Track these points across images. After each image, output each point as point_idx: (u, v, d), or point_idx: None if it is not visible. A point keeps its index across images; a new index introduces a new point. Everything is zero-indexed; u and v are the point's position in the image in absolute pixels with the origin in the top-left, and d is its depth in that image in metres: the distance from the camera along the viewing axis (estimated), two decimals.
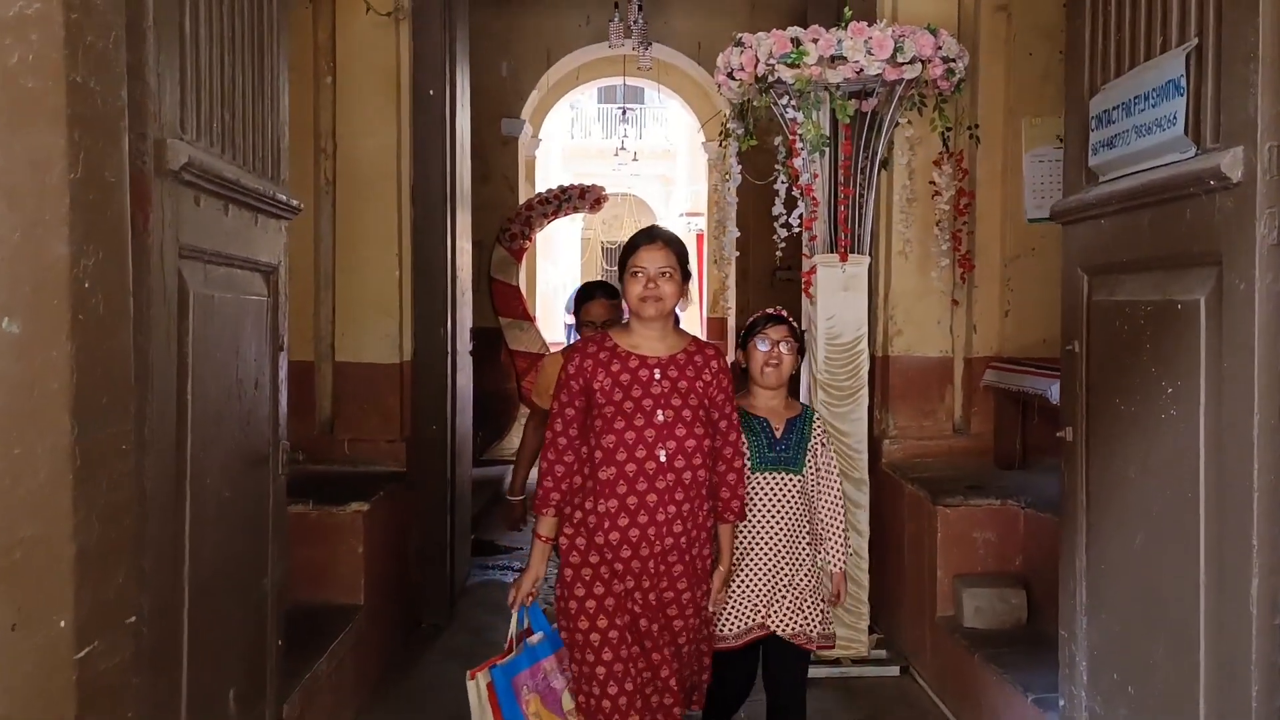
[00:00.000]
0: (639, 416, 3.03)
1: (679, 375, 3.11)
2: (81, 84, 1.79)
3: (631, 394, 3.05)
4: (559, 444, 3.10)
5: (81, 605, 1.80)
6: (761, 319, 3.57)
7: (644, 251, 3.12)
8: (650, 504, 3.02)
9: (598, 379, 3.07)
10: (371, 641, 4.39)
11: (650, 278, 3.09)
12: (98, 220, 1.82)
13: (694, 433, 3.07)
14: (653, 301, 3.08)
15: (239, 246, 2.62)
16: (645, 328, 3.14)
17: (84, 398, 1.77)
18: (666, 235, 3.20)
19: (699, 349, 3.21)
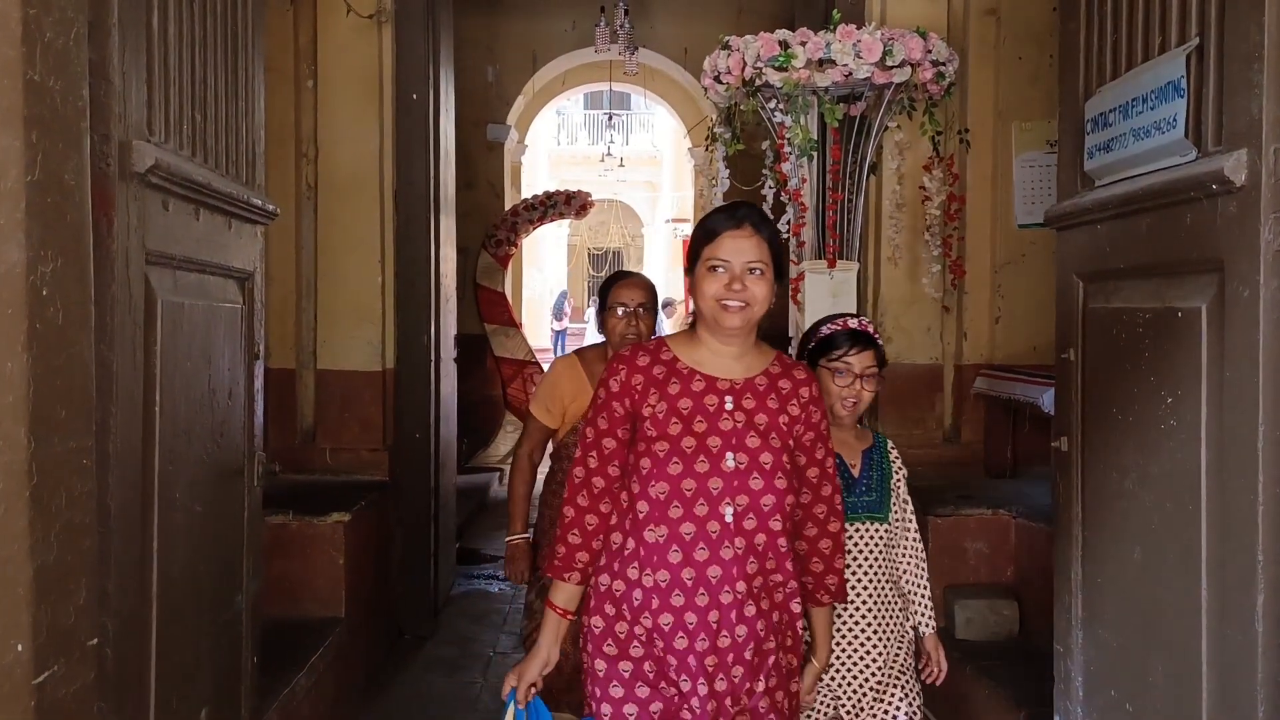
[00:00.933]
0: (701, 460, 2.26)
1: (757, 406, 2.33)
2: (39, 83, 1.71)
3: (693, 428, 2.29)
4: (592, 487, 2.35)
5: (39, 628, 1.72)
6: (843, 337, 2.83)
7: (728, 239, 2.31)
8: (712, 580, 2.25)
9: (649, 402, 2.31)
10: (352, 654, 4.30)
11: (735, 275, 2.29)
12: (56, 225, 1.74)
13: (774, 485, 2.29)
14: (738, 310, 2.29)
15: (211, 252, 2.53)
16: (721, 341, 2.35)
17: (41, 411, 1.69)
18: (758, 217, 2.36)
19: (785, 370, 2.41)
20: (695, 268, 2.37)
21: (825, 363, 2.81)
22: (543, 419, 3.52)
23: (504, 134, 10.51)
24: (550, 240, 26.47)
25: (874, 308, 5.16)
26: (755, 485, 2.28)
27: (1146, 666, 2.51)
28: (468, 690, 4.61)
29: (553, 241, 27.26)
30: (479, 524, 7.81)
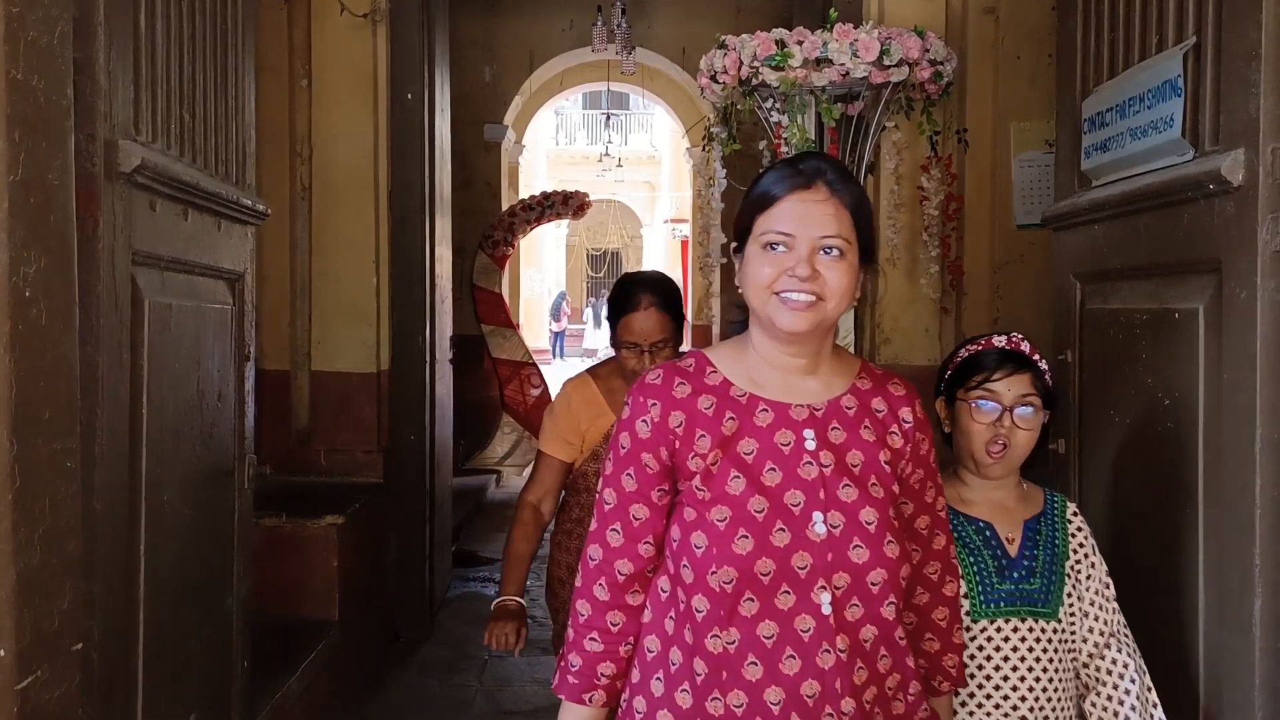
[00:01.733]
0: (780, 528, 1.59)
1: (849, 440, 1.68)
2: (23, 81, 1.69)
3: (763, 481, 1.62)
4: (615, 574, 1.70)
5: (23, 632, 1.70)
6: (990, 358, 2.12)
7: (793, 204, 1.64)
8: (808, 700, 1.58)
9: (695, 449, 1.65)
10: (346, 658, 4.28)
11: (802, 256, 1.61)
12: (40, 225, 1.73)
13: (883, 554, 1.62)
14: (805, 306, 1.61)
15: (200, 253, 2.51)
16: (785, 351, 1.69)
17: (24, 412, 1.68)
18: (835, 172, 1.67)
19: (877, 385, 1.77)
20: (744, 245, 1.70)
21: (964, 394, 2.09)
22: (559, 454, 2.92)
23: (501, 134, 10.49)
24: (549, 240, 26.48)
25: (872, 309, 5.14)
26: (858, 557, 1.60)
27: None
28: (463, 693, 4.59)
29: (551, 242, 27.26)
30: (476, 526, 7.78)
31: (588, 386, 2.95)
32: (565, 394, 2.98)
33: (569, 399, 2.95)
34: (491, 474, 9.33)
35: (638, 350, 2.79)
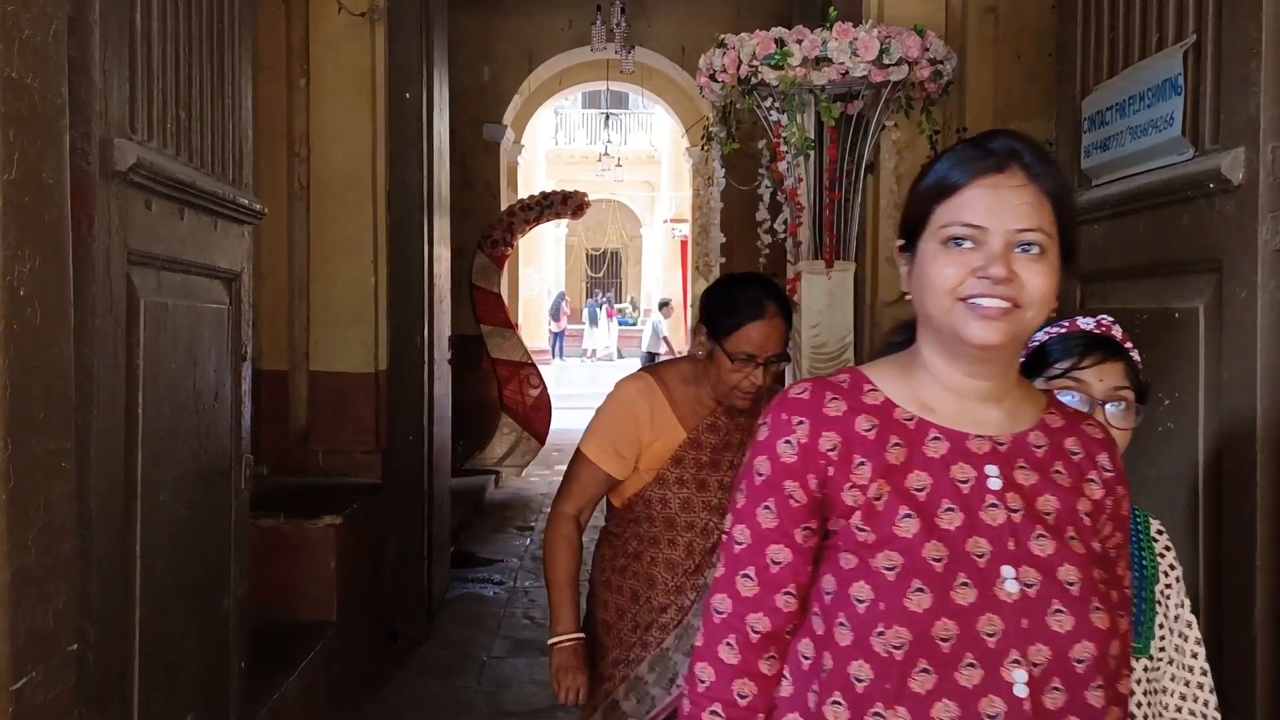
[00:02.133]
0: (964, 583, 1.29)
1: (1040, 484, 1.37)
2: (17, 80, 1.68)
3: (938, 523, 1.32)
4: (747, 632, 1.38)
5: (17, 633, 1.69)
6: (1074, 342, 1.78)
7: (982, 191, 1.34)
8: None
9: (854, 479, 1.35)
10: (344, 658, 4.27)
11: (995, 254, 1.31)
12: (34, 224, 1.72)
13: (1089, 621, 1.30)
14: (998, 315, 1.31)
15: (196, 252, 2.50)
16: (967, 370, 1.39)
17: (18, 412, 1.67)
18: (1032, 154, 1.37)
19: (1071, 424, 1.45)
20: (917, 241, 1.39)
21: (1044, 383, 1.72)
22: (607, 465, 2.49)
23: (500, 134, 10.48)
24: (548, 240, 26.47)
25: (871, 309, 5.13)
26: (1060, 625, 1.28)
27: None
28: (462, 694, 4.58)
29: (550, 242, 27.25)
30: (475, 526, 7.78)
31: (651, 390, 2.52)
32: (626, 395, 2.52)
33: (631, 402, 2.50)
34: (490, 474, 9.33)
35: (752, 364, 2.37)
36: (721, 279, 2.56)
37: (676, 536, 2.50)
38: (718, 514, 2.44)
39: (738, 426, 2.51)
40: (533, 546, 7.27)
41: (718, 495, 2.47)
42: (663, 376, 2.56)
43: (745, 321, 2.37)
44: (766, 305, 2.38)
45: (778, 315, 2.40)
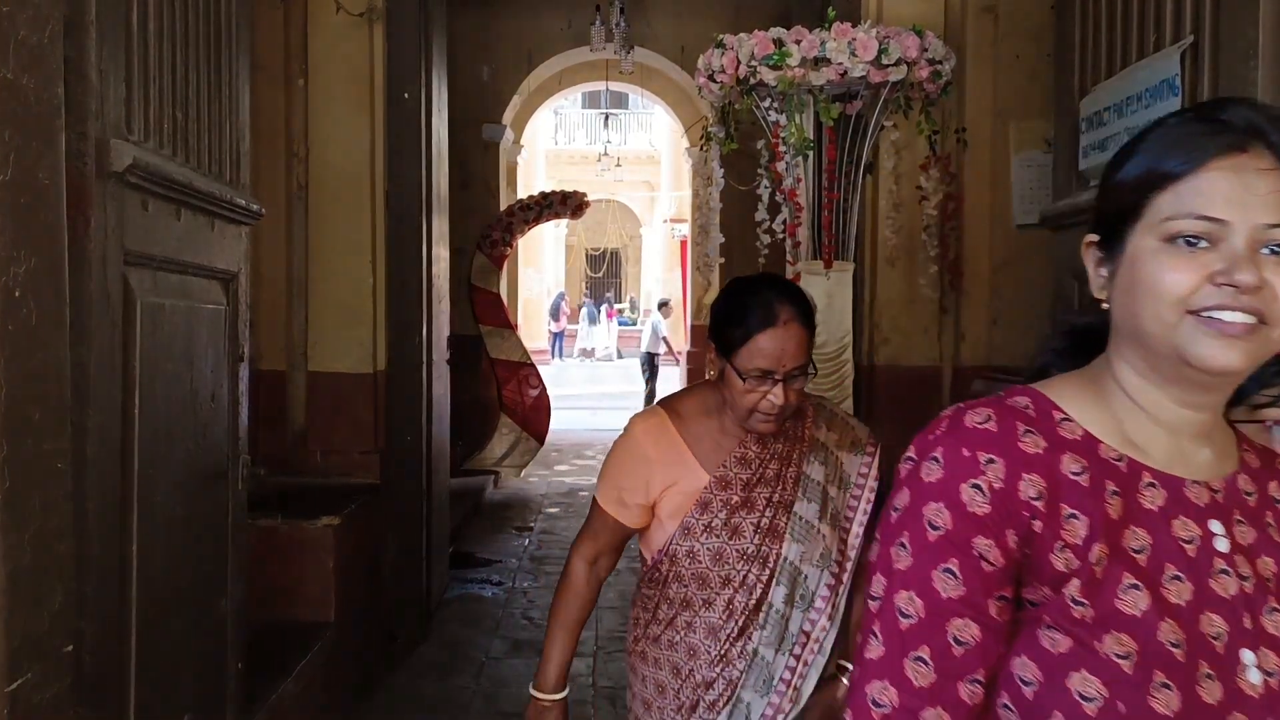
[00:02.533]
0: (1206, 673, 1.01)
1: (1259, 541, 1.12)
2: (12, 80, 1.68)
3: (1165, 594, 1.04)
4: None
5: (13, 635, 1.69)
6: None
7: (1222, 172, 1.05)
8: None
9: (1063, 532, 1.05)
10: (342, 659, 4.27)
11: (1240, 254, 1.03)
12: (30, 225, 1.71)
13: None
14: (1244, 333, 1.03)
15: (193, 253, 2.50)
16: (1187, 397, 1.11)
17: (14, 413, 1.67)
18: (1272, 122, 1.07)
19: (1265, 462, 1.20)
20: (1125, 237, 1.11)
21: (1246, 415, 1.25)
22: (616, 514, 2.24)
23: (499, 134, 10.49)
24: (547, 240, 26.48)
25: (870, 309, 5.13)
26: None
27: None
28: (460, 694, 4.58)
29: (550, 242, 27.26)
30: (473, 527, 7.78)
31: (664, 430, 2.20)
32: (631, 438, 2.23)
33: (636, 445, 2.21)
34: (489, 475, 9.32)
35: (768, 381, 2.04)
36: (729, 284, 2.18)
37: (713, 595, 2.12)
38: (757, 563, 2.10)
39: (774, 455, 2.16)
40: (531, 547, 7.27)
41: (755, 540, 2.11)
42: (679, 410, 2.22)
43: (755, 331, 2.03)
44: (779, 310, 2.04)
45: (794, 320, 2.05)
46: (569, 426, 13.36)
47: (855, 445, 2.21)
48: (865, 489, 2.18)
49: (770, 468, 2.15)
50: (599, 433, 13.60)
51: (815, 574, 2.11)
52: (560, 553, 7.06)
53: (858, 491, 2.18)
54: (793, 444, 2.17)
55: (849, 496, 2.17)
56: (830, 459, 2.18)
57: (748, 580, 2.10)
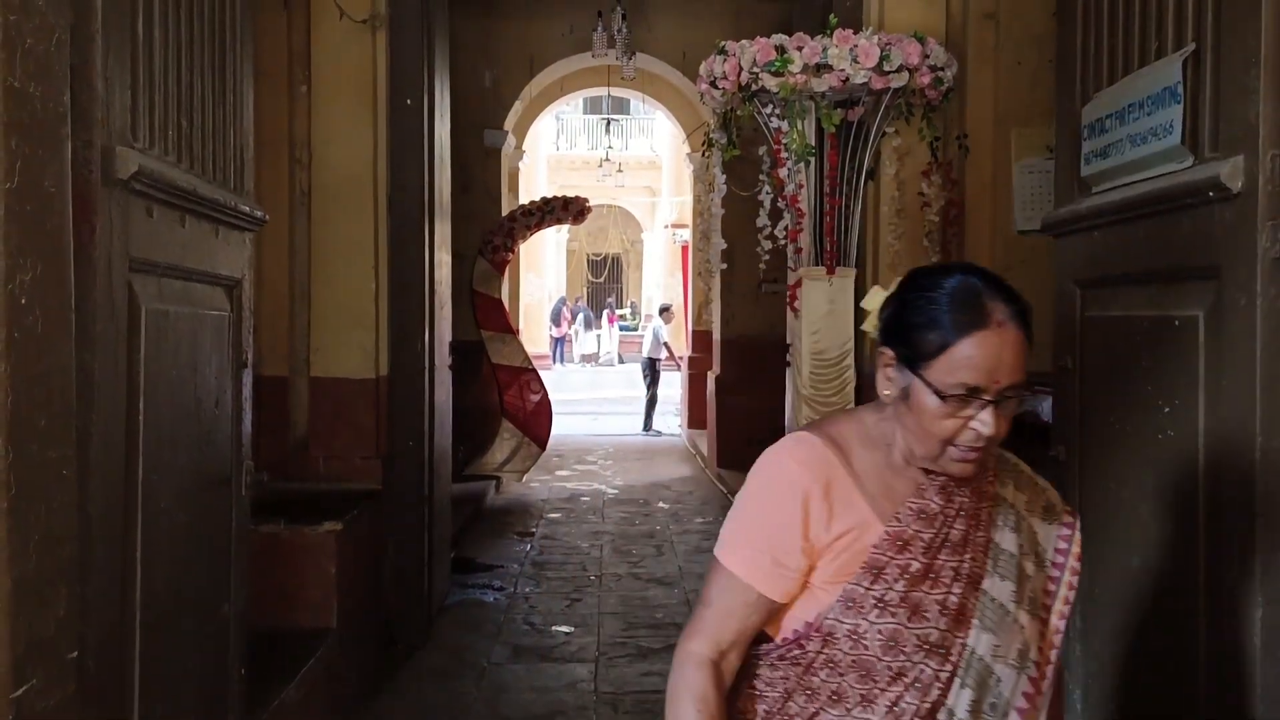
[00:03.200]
0: None
1: None
2: (19, 89, 1.68)
3: None
4: None
5: (17, 640, 1.69)
6: None
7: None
8: None
9: None
10: (344, 665, 4.27)
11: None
12: (36, 232, 1.72)
13: None
14: None
15: (197, 259, 2.51)
16: None
17: (20, 420, 1.67)
18: None
19: None
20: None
21: None
22: (763, 584, 1.63)
23: (501, 139, 10.50)
24: (549, 246, 26.49)
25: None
26: None
27: (1145, 679, 2.48)
28: (461, 700, 4.58)
29: (551, 247, 27.27)
30: (474, 532, 7.78)
31: (828, 462, 1.64)
32: (785, 472, 1.65)
33: (794, 482, 1.63)
34: (490, 480, 9.32)
35: (973, 402, 1.52)
36: (913, 275, 1.67)
37: (875, 692, 1.59)
38: (937, 654, 1.59)
39: (960, 511, 1.64)
40: (533, 552, 7.27)
41: (940, 625, 1.59)
42: (835, 436, 1.68)
43: (959, 335, 1.52)
44: (990, 307, 1.54)
45: (1010, 321, 1.54)
46: (570, 432, 13.37)
47: (1049, 512, 1.73)
48: (1066, 569, 1.70)
49: (956, 527, 1.63)
50: (600, 438, 13.62)
51: (1011, 676, 1.60)
52: (562, 558, 7.07)
53: (1056, 572, 1.70)
54: (979, 499, 1.67)
55: (1046, 577, 1.69)
56: (1023, 526, 1.69)
57: (923, 676, 1.58)
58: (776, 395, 6.37)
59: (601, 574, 6.70)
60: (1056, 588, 1.70)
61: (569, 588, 6.37)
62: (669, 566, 6.89)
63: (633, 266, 32.74)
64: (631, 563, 6.99)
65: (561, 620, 5.70)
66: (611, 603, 6.03)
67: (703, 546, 7.44)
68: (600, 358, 26.84)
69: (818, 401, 4.58)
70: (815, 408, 4.58)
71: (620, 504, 9.09)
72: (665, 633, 5.46)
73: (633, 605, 5.98)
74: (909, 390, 1.58)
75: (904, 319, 1.60)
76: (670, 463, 11.55)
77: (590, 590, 6.31)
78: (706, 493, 9.62)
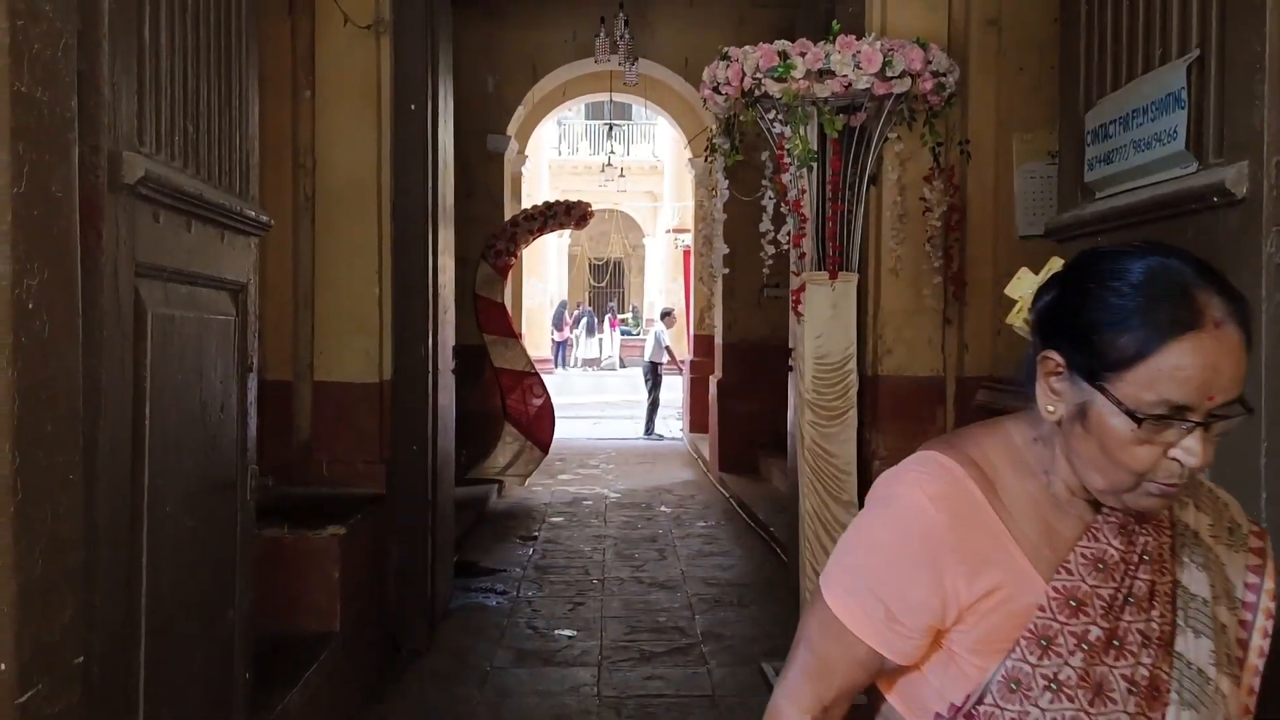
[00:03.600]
0: None
1: None
2: (27, 94, 1.69)
3: None
4: None
5: (23, 646, 1.69)
6: None
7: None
8: None
9: None
10: (347, 669, 4.27)
11: None
12: (43, 237, 1.72)
13: None
14: None
15: (203, 264, 2.51)
16: None
17: (27, 425, 1.67)
18: None
19: None
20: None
21: None
22: (872, 637, 1.31)
23: (504, 144, 10.52)
24: (551, 250, 26.50)
25: (875, 319, 5.14)
26: None
27: None
28: (464, 705, 4.58)
29: (554, 251, 27.28)
30: (477, 536, 7.78)
31: (969, 495, 1.29)
32: (914, 509, 1.29)
33: (925, 521, 1.28)
34: (493, 484, 9.32)
35: (1175, 424, 1.17)
36: (1095, 254, 1.28)
37: None
38: None
39: (1142, 554, 1.29)
40: (535, 556, 7.27)
41: (1129, 708, 1.24)
42: (978, 459, 1.31)
43: (1163, 339, 1.16)
44: (1203, 301, 1.17)
45: (1229, 320, 1.18)
46: (572, 436, 13.37)
47: (1234, 535, 1.35)
48: (1259, 609, 1.32)
49: (1140, 577, 1.28)
50: (602, 442, 13.62)
51: None
52: (565, 562, 7.07)
53: (1248, 615, 1.32)
54: (1159, 533, 1.31)
55: (1238, 622, 1.32)
56: (1211, 560, 1.32)
57: None
58: (778, 399, 6.37)
59: (604, 578, 6.70)
60: (1249, 635, 1.31)
61: (571, 592, 6.37)
62: (671, 570, 6.89)
63: (634, 271, 32.75)
64: (634, 567, 6.99)
65: (564, 624, 5.70)
66: (614, 607, 6.03)
67: (705, 550, 7.45)
68: (602, 362, 26.85)
69: (821, 406, 4.59)
70: (818, 412, 4.58)
71: (622, 508, 9.09)
72: (668, 636, 5.46)
73: (635, 609, 5.98)
74: (1085, 408, 1.21)
75: (1080, 314, 1.23)
76: (672, 467, 11.55)
77: (593, 594, 6.31)
78: (708, 497, 9.62)
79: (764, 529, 7.71)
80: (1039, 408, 1.28)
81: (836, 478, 4.54)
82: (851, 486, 4.61)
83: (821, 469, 4.56)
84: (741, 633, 5.54)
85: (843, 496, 4.55)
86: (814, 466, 4.56)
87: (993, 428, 1.36)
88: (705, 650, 5.25)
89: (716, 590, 6.39)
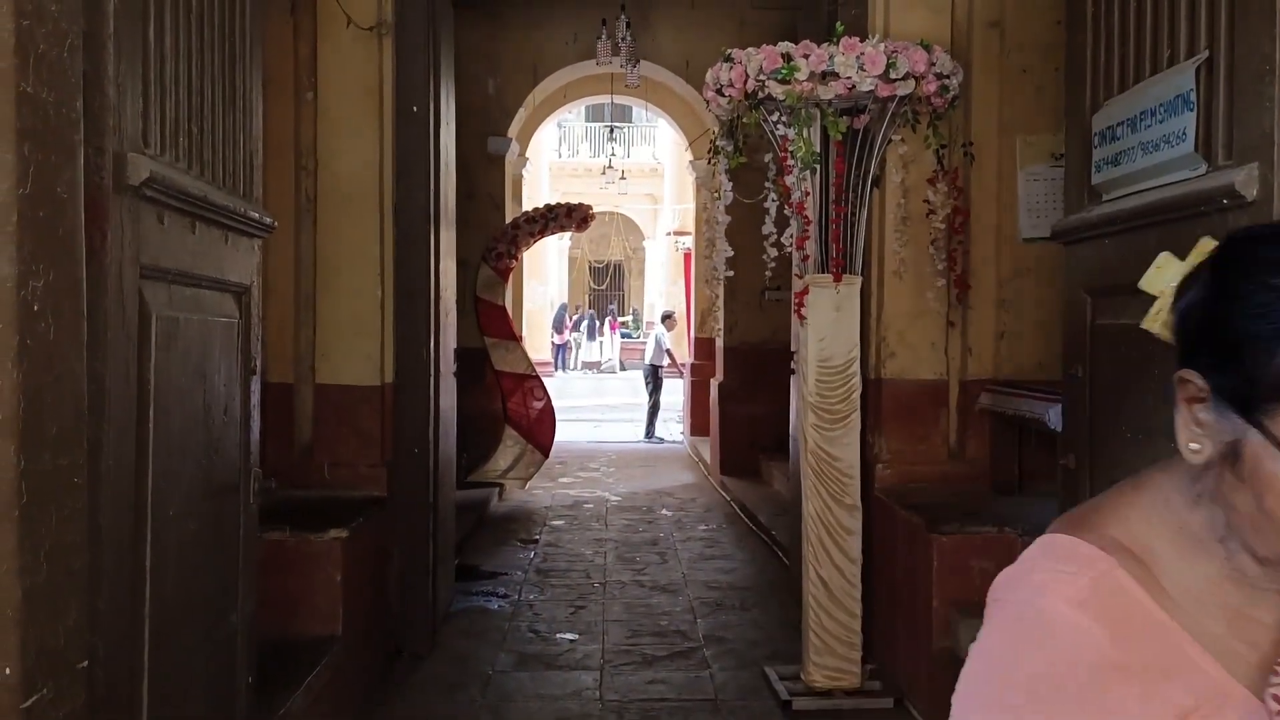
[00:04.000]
0: None
1: None
2: (32, 95, 1.68)
3: None
4: None
5: (28, 650, 1.68)
6: None
7: None
8: None
9: None
10: (349, 673, 4.26)
11: None
12: (48, 238, 1.71)
13: None
14: None
15: (207, 266, 2.50)
16: None
17: (31, 427, 1.66)
18: None
19: None
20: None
21: None
22: None
23: (505, 146, 10.51)
24: (551, 253, 26.50)
25: (878, 322, 5.13)
26: None
27: None
28: (466, 709, 4.56)
29: (554, 254, 27.28)
30: (478, 540, 7.77)
31: (1126, 595, 0.91)
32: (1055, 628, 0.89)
33: (1078, 642, 0.88)
34: (494, 487, 9.31)
35: None
36: (1247, 240, 0.93)
37: None
38: None
39: None
40: (536, 560, 7.26)
41: None
42: (1126, 542, 0.95)
43: None
44: None
45: None
46: (573, 439, 13.36)
47: None
48: None
49: None
50: (603, 445, 13.61)
51: None
52: (566, 565, 7.06)
53: None
54: None
55: None
56: None
57: None
58: (779, 402, 6.36)
59: (605, 581, 6.69)
60: None
61: (573, 595, 6.36)
62: (673, 573, 6.88)
63: (635, 273, 32.75)
64: (635, 570, 6.98)
65: (566, 628, 5.69)
66: (616, 610, 6.02)
67: (706, 554, 7.43)
68: (602, 364, 26.85)
69: (824, 409, 4.58)
70: (821, 415, 4.57)
71: (623, 511, 9.08)
72: (670, 640, 5.45)
73: (637, 612, 5.97)
74: (1237, 448, 0.88)
75: (1228, 322, 0.88)
76: (673, 470, 11.54)
77: (594, 597, 6.30)
78: (710, 500, 9.61)
79: (765, 532, 7.70)
80: (1179, 445, 0.93)
81: (839, 481, 4.53)
82: (854, 490, 4.60)
83: (824, 472, 4.55)
84: (743, 636, 5.53)
85: (845, 500, 4.54)
86: (817, 469, 4.56)
87: (1138, 489, 1.00)
88: (707, 654, 5.24)
89: (718, 594, 6.38)
